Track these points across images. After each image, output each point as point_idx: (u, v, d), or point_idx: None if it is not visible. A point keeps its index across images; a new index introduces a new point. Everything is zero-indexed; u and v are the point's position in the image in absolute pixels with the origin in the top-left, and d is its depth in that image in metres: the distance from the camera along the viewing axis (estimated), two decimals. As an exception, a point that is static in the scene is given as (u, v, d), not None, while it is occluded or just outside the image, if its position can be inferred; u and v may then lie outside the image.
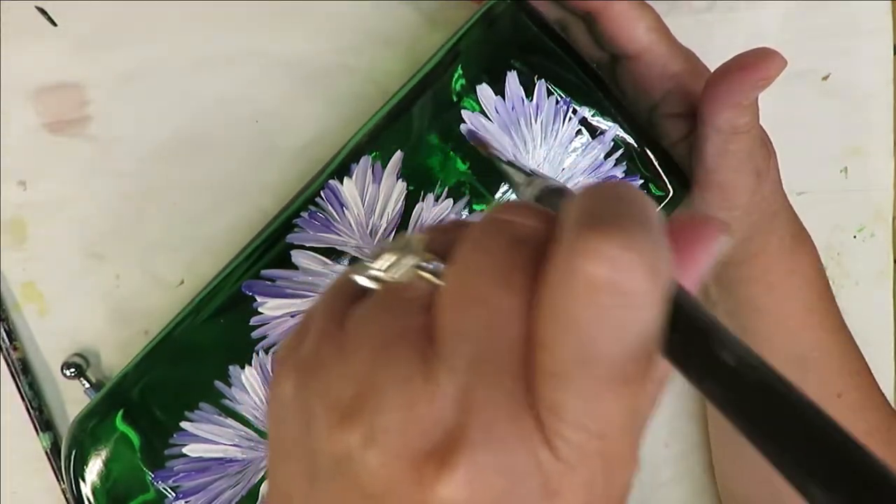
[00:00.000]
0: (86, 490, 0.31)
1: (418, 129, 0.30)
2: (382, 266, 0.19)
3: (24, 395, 0.39)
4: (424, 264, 0.19)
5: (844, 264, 0.43)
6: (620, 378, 0.16)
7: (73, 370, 0.38)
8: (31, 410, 0.39)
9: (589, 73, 0.30)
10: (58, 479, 0.39)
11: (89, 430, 0.31)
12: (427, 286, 0.18)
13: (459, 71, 0.30)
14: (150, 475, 0.31)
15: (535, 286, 0.17)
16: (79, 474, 0.31)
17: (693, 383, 0.16)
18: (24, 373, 0.39)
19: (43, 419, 0.39)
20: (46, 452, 0.39)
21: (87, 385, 0.39)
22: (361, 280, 0.19)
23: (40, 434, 0.39)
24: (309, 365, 0.18)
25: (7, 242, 0.39)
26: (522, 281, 0.17)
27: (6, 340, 0.39)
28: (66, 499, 0.40)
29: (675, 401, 0.42)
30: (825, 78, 0.42)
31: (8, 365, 0.39)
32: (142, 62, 0.38)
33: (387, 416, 0.16)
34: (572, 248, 0.15)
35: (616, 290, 0.15)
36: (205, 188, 0.39)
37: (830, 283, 0.43)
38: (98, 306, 0.39)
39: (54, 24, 0.38)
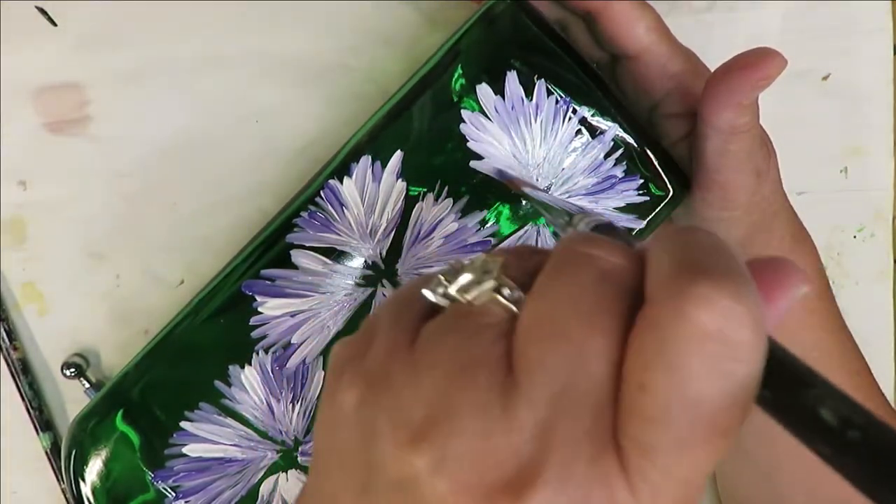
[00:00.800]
0: (86, 490, 0.31)
1: (418, 128, 0.30)
2: (459, 286, 0.19)
3: (24, 395, 0.39)
4: (505, 290, 0.18)
5: (844, 264, 0.43)
6: (719, 429, 0.16)
7: (73, 370, 0.38)
8: (31, 410, 0.39)
9: (589, 73, 0.30)
10: (58, 479, 0.39)
11: (89, 430, 0.31)
12: (504, 313, 0.18)
13: (459, 71, 0.30)
14: (149, 475, 0.31)
15: (622, 326, 0.16)
16: (79, 474, 0.31)
17: (797, 438, 0.16)
18: (24, 373, 0.39)
19: (43, 419, 0.39)
20: (46, 452, 0.39)
21: (87, 385, 0.39)
22: (434, 297, 0.19)
23: (40, 434, 0.39)
24: (377, 379, 0.18)
25: (7, 242, 0.39)
26: (610, 319, 0.17)
27: (6, 340, 0.39)
28: (66, 499, 0.40)
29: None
30: (825, 78, 0.42)
31: (8, 365, 0.39)
32: (142, 62, 0.38)
33: (461, 442, 0.16)
34: (681, 294, 0.15)
35: (726, 340, 0.15)
36: (205, 188, 0.39)
37: (830, 283, 0.43)
38: (98, 306, 0.39)
39: (54, 24, 0.38)
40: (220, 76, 0.39)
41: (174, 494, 0.31)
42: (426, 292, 0.19)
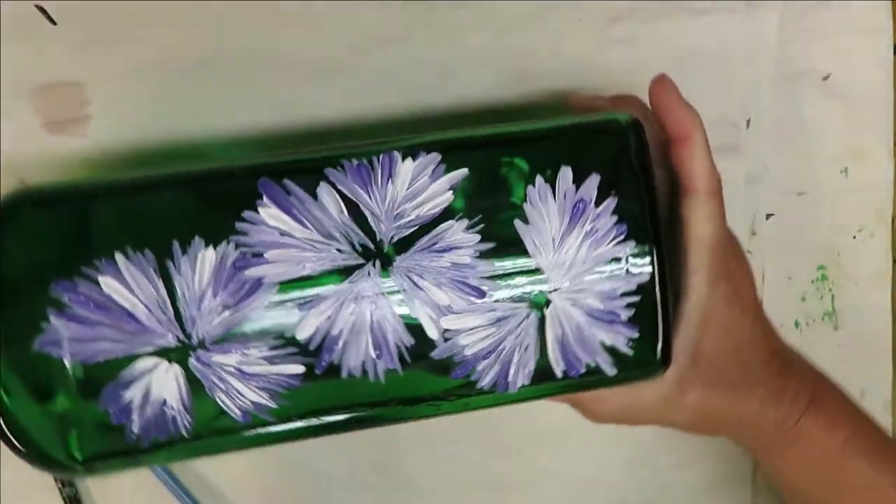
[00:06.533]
0: None
1: (493, 164, 0.30)
2: None
3: (23, 394, 0.39)
4: None
5: (844, 264, 0.43)
6: None
7: None
8: (30, 410, 0.39)
9: (655, 222, 0.30)
10: (55, 477, 0.39)
11: (34, 201, 0.29)
12: None
13: (556, 145, 0.31)
14: (54, 279, 0.28)
15: None
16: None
17: None
18: (23, 372, 0.39)
19: (42, 419, 0.39)
20: (46, 452, 0.39)
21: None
22: None
23: (40, 434, 0.39)
24: None
25: (7, 242, 0.39)
26: None
27: (6, 340, 0.38)
28: (64, 498, 0.40)
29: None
30: (825, 78, 0.42)
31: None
32: (142, 62, 0.38)
33: None
34: None
35: None
36: (205, 188, 0.39)
37: (830, 284, 0.43)
38: (98, 306, 0.39)
39: (54, 23, 0.38)
40: (220, 76, 0.39)
41: (59, 312, 0.28)
42: None
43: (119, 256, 0.29)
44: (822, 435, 0.35)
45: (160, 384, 0.29)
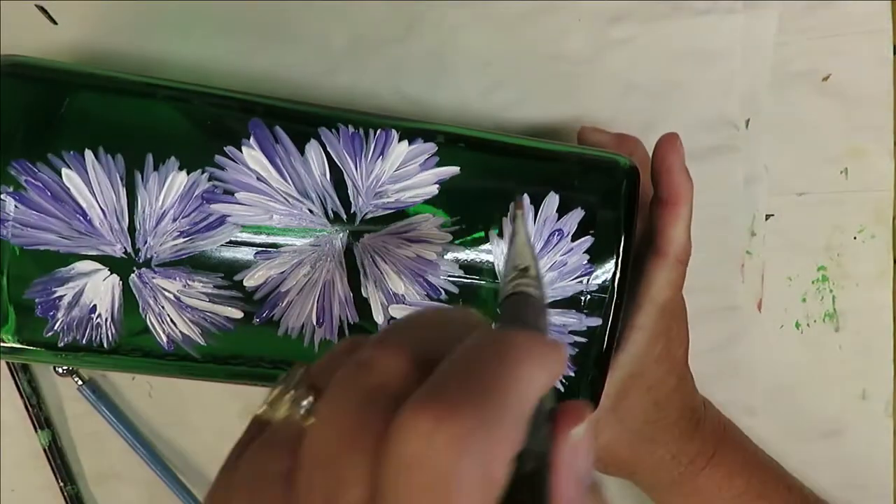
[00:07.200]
0: None
1: (483, 173, 0.30)
2: (268, 401, 0.19)
3: (22, 392, 0.39)
4: (302, 402, 0.19)
5: (844, 265, 0.43)
6: None
7: (65, 367, 0.38)
8: (29, 408, 0.39)
9: (623, 274, 0.30)
10: (55, 477, 0.39)
11: (14, 72, 0.28)
12: (301, 423, 0.19)
13: (547, 169, 0.30)
14: (15, 159, 0.27)
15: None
16: None
17: None
18: (23, 370, 0.39)
19: (41, 416, 0.39)
20: (44, 449, 0.39)
21: (80, 382, 0.39)
22: (261, 416, 0.20)
23: (38, 431, 0.39)
24: (209, 496, 0.20)
25: (7, 240, 0.39)
26: (370, 441, 0.16)
27: (5, 338, 0.39)
28: (64, 497, 0.40)
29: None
30: (825, 78, 0.42)
31: (7, 363, 0.39)
32: (142, 61, 0.38)
33: None
34: (398, 420, 0.15)
35: (427, 468, 0.15)
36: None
37: (830, 284, 0.43)
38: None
39: (55, 22, 0.38)
40: (221, 77, 0.39)
41: (12, 191, 0.27)
42: (257, 413, 0.20)
43: (89, 154, 0.28)
44: (717, 488, 0.36)
45: (94, 290, 0.28)
